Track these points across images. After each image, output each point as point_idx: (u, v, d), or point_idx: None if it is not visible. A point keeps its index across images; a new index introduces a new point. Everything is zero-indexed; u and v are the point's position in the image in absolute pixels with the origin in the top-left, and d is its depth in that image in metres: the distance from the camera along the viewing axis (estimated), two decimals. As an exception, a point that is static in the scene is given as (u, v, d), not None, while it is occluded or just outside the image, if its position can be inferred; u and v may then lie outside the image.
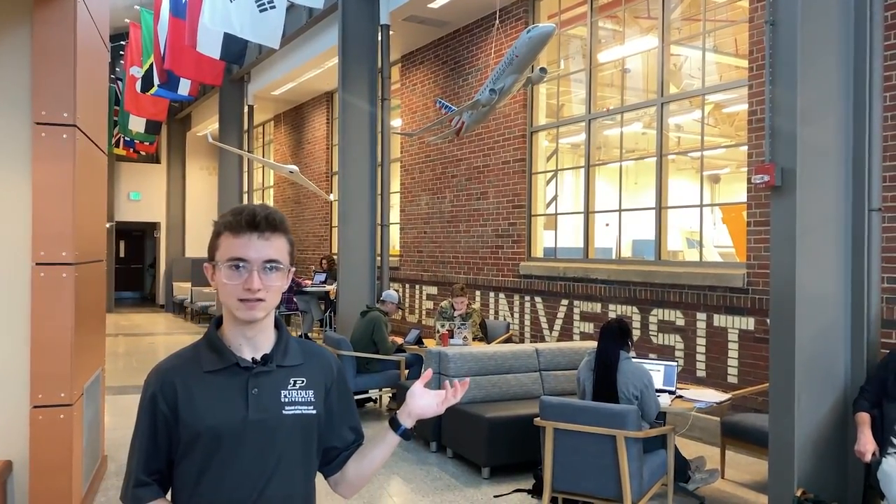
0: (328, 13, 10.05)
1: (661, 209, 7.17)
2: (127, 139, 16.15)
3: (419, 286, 10.89)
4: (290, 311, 11.91)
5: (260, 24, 7.52)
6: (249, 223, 1.57)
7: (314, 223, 14.86)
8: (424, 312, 10.72)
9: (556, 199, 9.31)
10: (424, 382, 1.78)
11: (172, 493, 1.64)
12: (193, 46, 8.71)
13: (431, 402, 1.74)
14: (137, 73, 12.85)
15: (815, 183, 4.11)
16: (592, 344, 5.08)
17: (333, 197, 12.76)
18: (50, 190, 3.81)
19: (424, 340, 7.60)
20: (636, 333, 7.05)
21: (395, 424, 1.73)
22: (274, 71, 13.30)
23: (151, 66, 11.81)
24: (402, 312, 11.00)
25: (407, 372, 7.04)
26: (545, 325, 8.41)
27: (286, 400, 1.63)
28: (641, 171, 8.87)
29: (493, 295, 9.27)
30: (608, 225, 8.50)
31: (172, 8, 9.62)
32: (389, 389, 7.30)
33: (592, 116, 8.13)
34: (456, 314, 7.75)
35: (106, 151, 5.31)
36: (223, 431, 1.57)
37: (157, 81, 11.56)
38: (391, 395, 7.45)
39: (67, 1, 3.86)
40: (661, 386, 4.98)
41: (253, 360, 1.63)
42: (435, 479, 5.31)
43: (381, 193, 9.10)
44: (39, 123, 3.80)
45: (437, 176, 10.46)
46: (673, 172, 7.94)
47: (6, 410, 3.78)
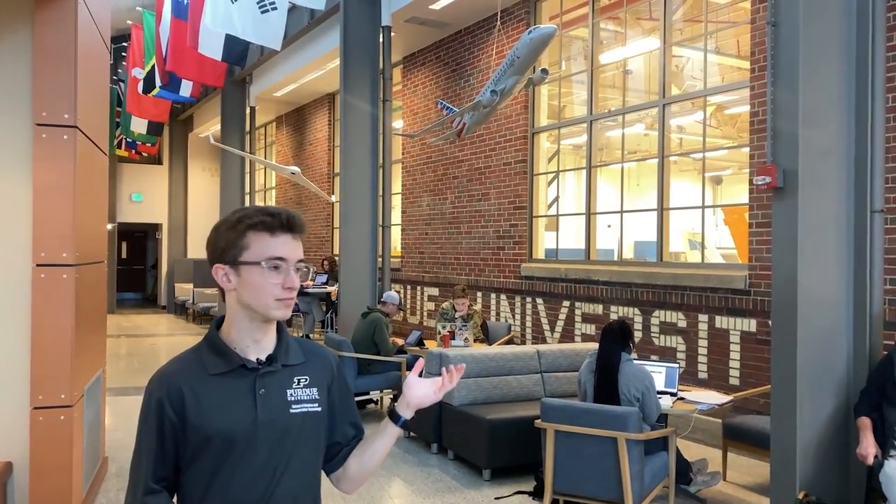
0: (330, 15, 10.05)
1: (662, 210, 7.15)
2: (129, 140, 16.17)
3: (420, 287, 10.89)
4: (291, 311, 11.89)
5: (261, 25, 7.53)
6: (289, 224, 1.61)
7: (316, 224, 14.87)
8: (426, 314, 10.71)
9: (557, 200, 9.30)
10: (418, 372, 1.82)
11: (180, 499, 1.63)
12: (195, 48, 8.73)
13: (428, 390, 1.79)
14: (139, 74, 12.87)
15: (817, 184, 4.10)
16: (594, 346, 5.07)
17: (335, 198, 12.76)
18: (51, 191, 3.81)
19: (425, 342, 7.60)
20: (638, 335, 7.03)
21: (394, 416, 1.77)
22: (276, 72, 13.31)
23: (153, 67, 11.82)
24: (403, 314, 10.99)
25: (408, 373, 7.03)
26: (546, 326, 8.40)
27: (293, 399, 1.64)
28: (643, 172, 8.87)
29: (494, 296, 9.26)
30: (610, 226, 8.50)
31: (174, 9, 9.63)
32: (390, 391, 7.30)
33: (594, 118, 8.12)
34: (457, 315, 7.75)
35: (107, 153, 5.31)
36: (235, 434, 1.57)
37: (158, 83, 11.57)
38: (392, 396, 7.44)
39: (68, 2, 3.86)
40: (662, 388, 4.96)
41: (258, 360, 1.63)
42: (436, 480, 5.30)
43: (382, 195, 9.10)
44: (40, 125, 3.80)
45: (438, 177, 10.45)
46: (675, 174, 7.94)
47: (6, 411, 3.78)
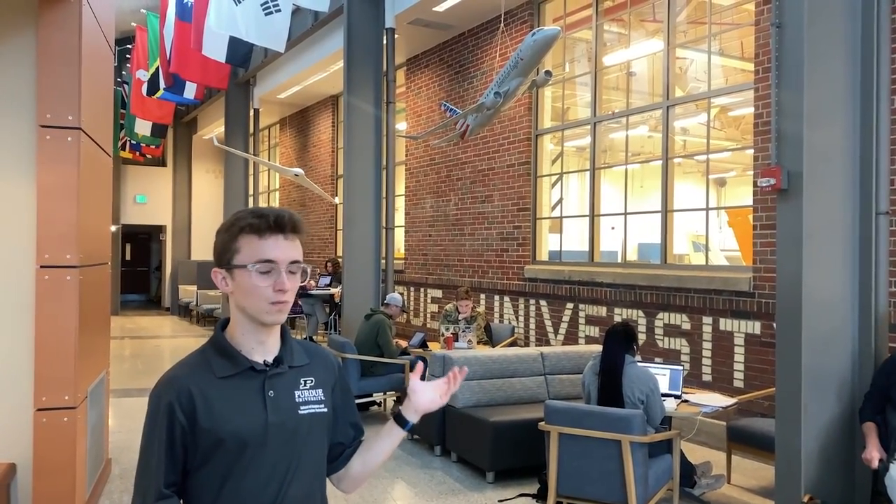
0: (333, 17, 10.06)
1: (666, 212, 7.14)
2: (133, 142, 16.22)
3: (424, 289, 10.88)
4: (294, 314, 11.90)
5: (265, 27, 7.54)
6: (277, 224, 1.57)
7: (319, 226, 14.88)
8: (429, 316, 10.70)
9: (561, 202, 9.29)
10: (419, 376, 1.82)
11: (188, 503, 1.61)
12: (199, 50, 8.75)
13: (434, 396, 1.79)
14: (143, 76, 12.91)
15: (821, 186, 4.09)
16: (598, 348, 5.05)
17: (338, 200, 12.76)
18: (54, 193, 3.81)
19: (429, 344, 7.59)
20: (642, 337, 7.01)
21: (400, 420, 1.77)
22: (279, 74, 13.33)
23: (157, 69, 11.86)
24: (406, 316, 10.99)
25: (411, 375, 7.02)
26: (550, 328, 8.39)
27: (300, 400, 1.64)
28: (647, 174, 8.85)
29: (497, 298, 9.25)
30: (613, 228, 8.48)
31: (178, 12, 9.65)
32: (394, 393, 7.29)
33: (598, 119, 8.11)
34: (461, 317, 7.74)
35: (111, 154, 5.32)
36: (246, 436, 1.56)
37: (162, 85, 11.61)
38: (395, 398, 7.43)
39: (72, 4, 3.87)
40: (666, 390, 4.94)
41: (265, 362, 1.63)
42: (439, 483, 5.29)
43: (385, 196, 9.10)
44: (44, 126, 3.81)
45: (441, 179, 10.45)
46: (679, 176, 7.92)
47: (10, 413, 3.79)
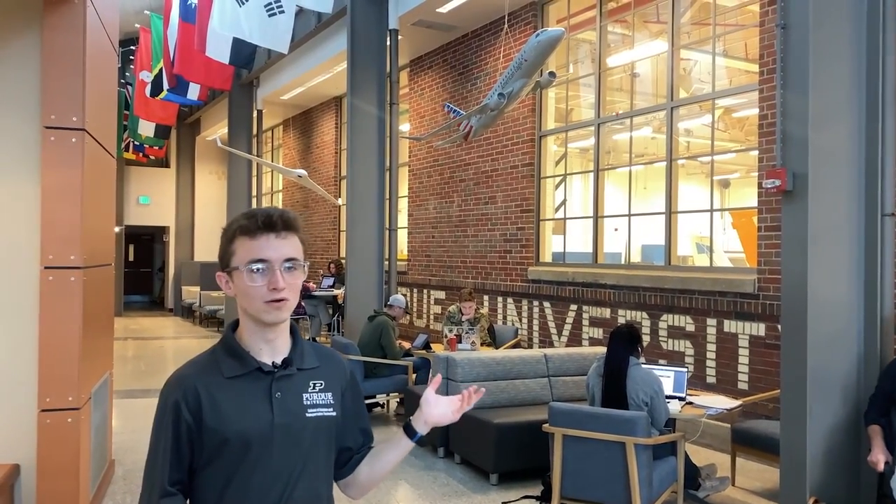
0: (337, 18, 10.06)
1: (670, 214, 7.12)
2: (136, 143, 16.24)
3: (427, 290, 10.88)
4: (297, 315, 11.89)
5: (269, 28, 7.54)
6: (266, 224, 1.57)
7: (322, 227, 14.88)
8: (432, 317, 10.69)
9: (564, 203, 9.28)
10: (435, 388, 1.78)
11: (193, 502, 1.62)
12: (203, 51, 8.75)
13: (446, 410, 1.75)
14: (147, 77, 12.92)
15: (827, 187, 4.08)
16: (602, 349, 5.04)
17: (341, 201, 12.77)
18: (59, 194, 3.81)
19: (432, 345, 7.59)
20: (646, 339, 7.00)
21: (409, 431, 1.75)
22: (283, 75, 13.35)
23: (161, 70, 11.88)
24: (409, 317, 10.99)
25: (415, 376, 7.02)
26: (554, 330, 8.38)
27: (308, 403, 1.63)
28: (651, 175, 8.84)
29: (501, 300, 9.24)
30: (617, 230, 8.47)
31: (182, 13, 9.66)
32: (397, 394, 7.28)
33: (601, 121, 8.10)
34: (464, 319, 7.73)
35: (115, 155, 5.32)
36: (251, 436, 1.56)
37: (166, 86, 11.62)
38: (399, 399, 7.43)
39: (77, 6, 3.87)
40: (671, 392, 4.93)
41: (273, 364, 1.62)
42: (443, 485, 5.28)
43: (389, 198, 9.10)
44: (49, 127, 3.81)
45: (445, 180, 10.45)
46: (682, 177, 7.91)
47: (14, 414, 3.79)
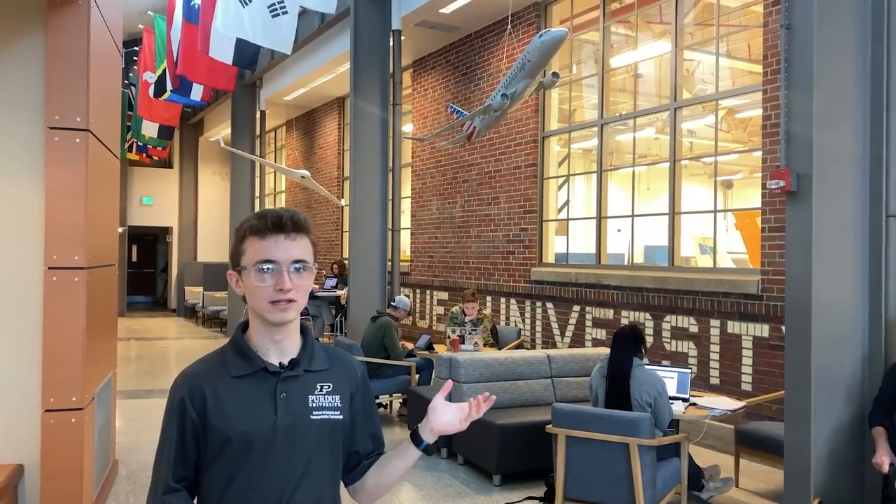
0: (340, 18, 10.07)
1: (673, 215, 7.11)
2: (140, 144, 16.26)
3: (430, 291, 10.87)
4: (301, 315, 11.89)
5: (272, 29, 7.55)
6: (276, 225, 1.58)
7: (325, 228, 14.89)
8: (435, 318, 10.69)
9: (567, 204, 9.27)
10: (445, 395, 1.74)
11: (199, 500, 1.62)
12: (206, 52, 8.76)
13: (454, 418, 1.71)
14: (150, 78, 12.93)
15: (831, 188, 4.07)
16: (605, 350, 5.04)
17: (344, 202, 12.77)
18: (62, 194, 3.81)
19: (435, 346, 7.59)
20: (649, 340, 6.99)
21: (416, 439, 1.71)
22: (286, 76, 13.36)
23: (164, 71, 11.88)
24: (412, 318, 10.98)
25: (417, 377, 7.01)
26: (557, 331, 8.37)
27: (314, 405, 1.62)
28: (654, 176, 8.82)
29: (504, 300, 9.24)
30: (620, 230, 8.46)
31: (185, 13, 9.67)
32: (400, 395, 7.28)
33: (605, 121, 8.09)
34: (467, 320, 7.73)
35: (119, 156, 5.33)
36: (253, 436, 1.56)
37: (169, 87, 11.63)
38: (402, 400, 7.43)
39: (81, 6, 3.88)
40: (674, 393, 4.93)
41: (280, 364, 1.62)
42: (446, 485, 5.28)
43: (392, 198, 9.09)
44: (52, 128, 3.81)
45: (448, 181, 10.44)
46: (686, 178, 7.89)
47: (18, 414, 3.79)
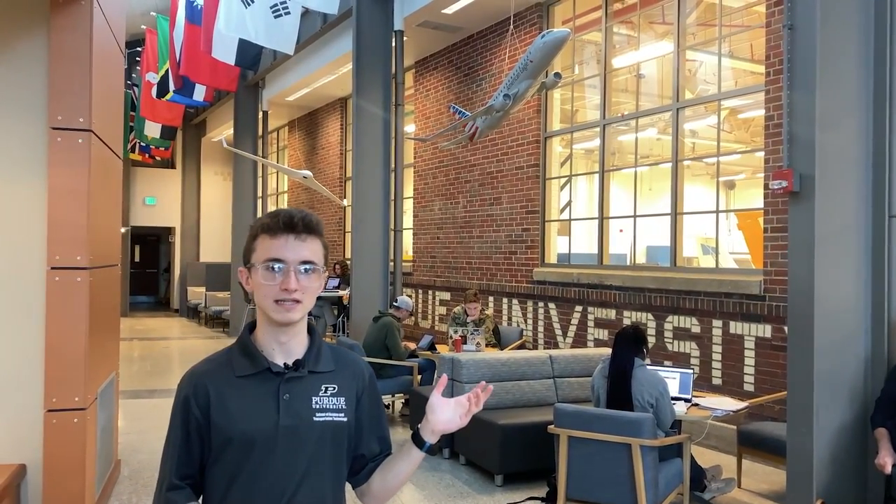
0: (342, 19, 10.08)
1: (676, 215, 7.11)
2: (142, 144, 16.31)
3: (432, 292, 10.87)
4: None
5: (275, 29, 7.57)
6: (287, 225, 1.58)
7: (327, 228, 14.86)
8: (437, 318, 10.69)
9: (570, 204, 9.27)
10: (441, 390, 1.72)
11: (203, 498, 1.63)
12: (208, 52, 8.78)
13: (453, 415, 1.68)
14: (153, 78, 12.97)
15: (834, 189, 4.06)
16: (607, 351, 5.03)
17: (347, 202, 12.78)
18: (65, 194, 3.82)
19: (437, 346, 7.58)
20: (651, 340, 6.98)
21: (418, 440, 1.69)
22: (288, 77, 13.37)
23: (167, 71, 11.91)
24: (414, 318, 10.98)
25: (420, 377, 7.01)
26: (559, 331, 8.36)
27: (317, 406, 1.62)
28: (656, 176, 8.82)
29: (506, 301, 9.24)
30: (622, 231, 8.45)
31: (188, 14, 9.69)
32: (402, 395, 7.28)
33: (607, 122, 8.09)
34: (469, 320, 7.73)
35: (121, 156, 5.34)
36: (255, 437, 1.56)
37: (172, 87, 11.66)
38: (404, 400, 7.43)
39: (84, 7, 3.88)
40: (676, 394, 4.92)
41: (285, 365, 1.62)
42: (447, 486, 5.27)
43: (394, 199, 9.10)
44: (55, 128, 3.82)
45: (450, 181, 10.45)
46: (688, 178, 7.89)
47: (20, 414, 3.79)
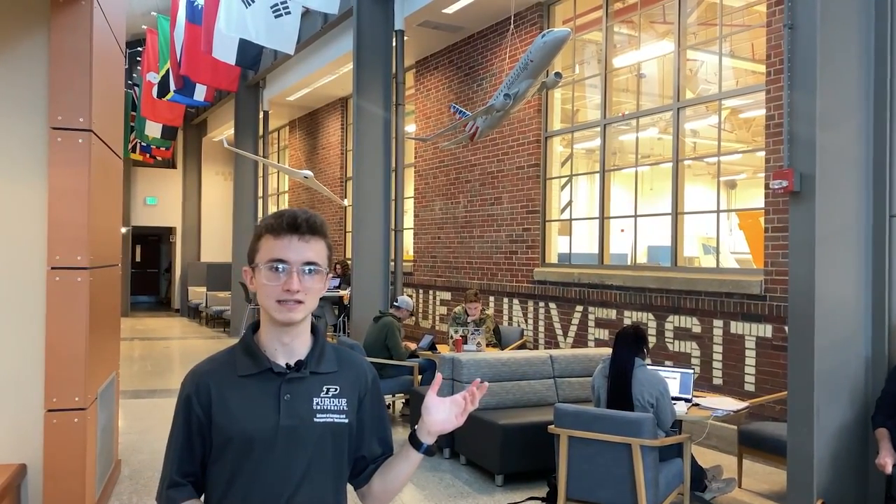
0: (343, 19, 10.08)
1: (676, 215, 7.10)
2: (143, 144, 16.30)
3: (433, 291, 10.87)
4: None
5: (275, 29, 7.57)
6: (290, 225, 1.59)
7: (328, 228, 14.89)
8: (438, 318, 10.69)
9: (570, 204, 9.27)
10: (436, 390, 1.71)
11: (205, 496, 1.64)
12: (209, 52, 8.79)
13: (449, 415, 1.67)
14: (154, 78, 12.97)
15: (834, 188, 4.06)
16: (607, 351, 5.03)
17: (347, 202, 12.78)
18: (65, 194, 3.82)
19: (438, 346, 7.58)
20: (652, 340, 6.98)
21: (415, 442, 1.68)
22: (289, 76, 13.37)
23: (168, 71, 11.91)
24: (415, 318, 10.99)
25: (420, 377, 7.01)
26: (559, 331, 8.36)
27: (318, 407, 1.61)
28: (657, 176, 8.81)
29: (506, 301, 9.23)
30: (623, 231, 8.45)
31: (188, 14, 9.69)
32: (403, 395, 7.28)
33: (607, 121, 8.09)
34: (469, 320, 7.73)
35: (122, 156, 5.34)
36: (255, 436, 1.56)
37: (173, 87, 11.66)
38: (404, 400, 7.43)
39: (84, 7, 3.88)
40: (677, 394, 4.92)
41: (287, 365, 1.62)
42: (448, 486, 5.27)
43: (395, 199, 9.10)
44: (56, 128, 3.82)
45: (451, 181, 10.44)
46: (689, 178, 7.88)
47: (21, 414, 3.80)
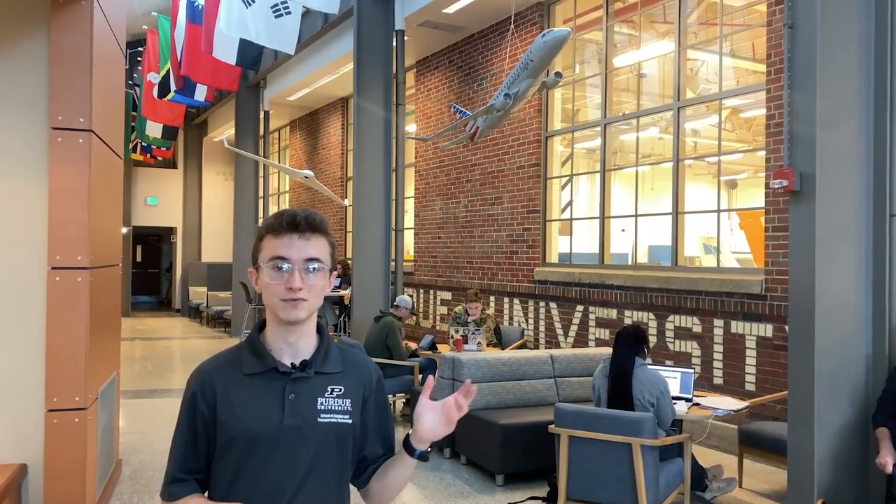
0: (343, 19, 10.08)
1: (677, 214, 7.10)
2: (144, 144, 16.31)
3: (433, 291, 10.87)
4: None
5: (275, 29, 7.56)
6: (290, 224, 1.59)
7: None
8: (438, 318, 10.69)
9: (571, 204, 9.27)
10: (428, 394, 1.67)
11: (208, 493, 1.64)
12: (209, 52, 8.79)
13: (438, 423, 1.63)
14: (154, 78, 12.97)
15: (834, 188, 4.06)
16: (608, 350, 5.03)
17: (348, 202, 12.78)
18: (66, 194, 3.82)
19: (438, 346, 7.59)
20: (652, 340, 6.98)
21: (409, 448, 1.67)
22: (289, 76, 13.37)
23: (168, 71, 11.92)
24: (416, 318, 10.98)
25: (421, 377, 7.02)
26: (560, 331, 8.36)
27: (322, 407, 1.61)
28: (657, 176, 8.81)
29: (507, 300, 9.23)
30: (624, 230, 8.45)
31: (189, 14, 9.69)
32: (403, 395, 7.28)
33: (608, 121, 8.08)
34: (470, 319, 7.73)
35: (122, 156, 5.34)
36: (258, 435, 1.57)
37: (173, 87, 11.66)
38: (405, 400, 7.43)
39: (84, 7, 3.88)
40: (677, 393, 4.91)
41: (292, 365, 1.62)
42: (448, 485, 5.27)
43: (395, 198, 9.10)
44: (56, 128, 3.82)
45: (451, 181, 10.44)
46: (689, 177, 7.88)
47: (21, 414, 3.80)
